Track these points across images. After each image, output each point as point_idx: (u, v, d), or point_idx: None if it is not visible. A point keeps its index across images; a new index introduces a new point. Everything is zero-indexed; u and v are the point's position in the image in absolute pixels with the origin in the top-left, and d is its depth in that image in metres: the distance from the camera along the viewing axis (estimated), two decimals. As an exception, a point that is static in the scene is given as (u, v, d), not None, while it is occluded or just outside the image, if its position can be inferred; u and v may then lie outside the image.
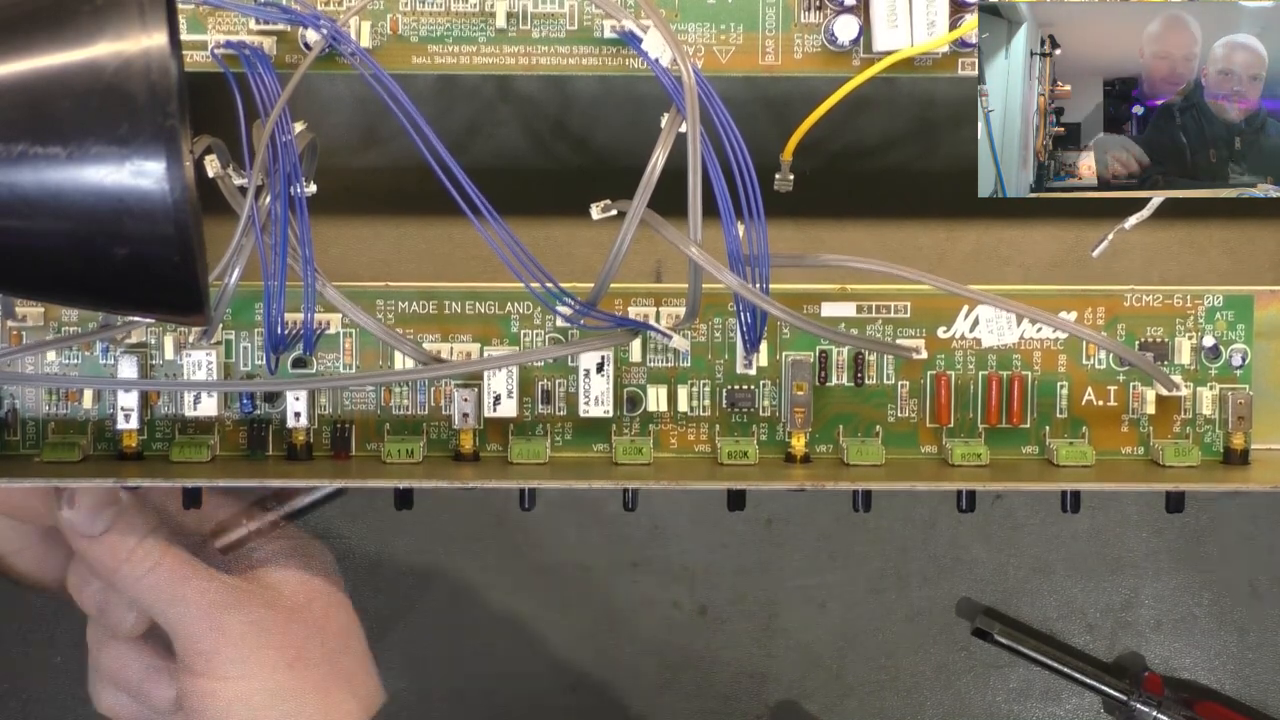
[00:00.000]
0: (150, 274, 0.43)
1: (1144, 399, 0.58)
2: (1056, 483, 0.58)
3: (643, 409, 0.57)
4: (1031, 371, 0.57)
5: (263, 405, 0.58)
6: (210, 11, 0.56)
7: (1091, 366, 0.57)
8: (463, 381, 0.57)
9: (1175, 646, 0.69)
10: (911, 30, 0.55)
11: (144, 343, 0.57)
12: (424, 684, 0.69)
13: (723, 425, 0.57)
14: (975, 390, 0.56)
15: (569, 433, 0.58)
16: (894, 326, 0.56)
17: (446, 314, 0.58)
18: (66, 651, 0.68)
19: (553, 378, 0.57)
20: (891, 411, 0.57)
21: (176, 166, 0.41)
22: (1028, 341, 0.57)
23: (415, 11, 0.57)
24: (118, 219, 0.42)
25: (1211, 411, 0.58)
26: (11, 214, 0.41)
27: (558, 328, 0.56)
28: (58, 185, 0.41)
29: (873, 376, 0.56)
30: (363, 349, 0.58)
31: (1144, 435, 0.58)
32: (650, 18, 0.52)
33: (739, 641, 0.69)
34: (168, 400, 0.58)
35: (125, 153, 0.41)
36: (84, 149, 0.41)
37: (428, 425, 0.58)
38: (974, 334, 0.56)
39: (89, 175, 0.41)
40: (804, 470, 0.57)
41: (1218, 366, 0.58)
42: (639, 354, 0.57)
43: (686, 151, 0.49)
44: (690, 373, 0.57)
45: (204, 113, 0.61)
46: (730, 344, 0.57)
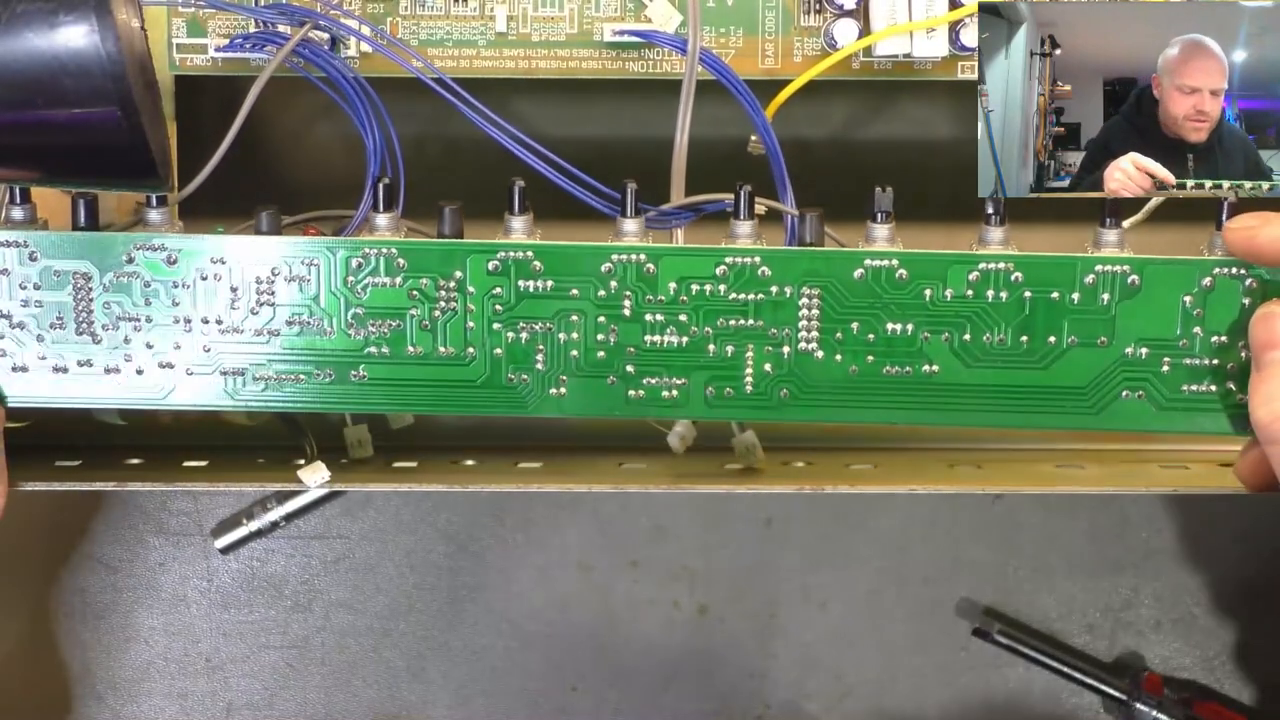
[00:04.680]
0: (96, 135, 0.42)
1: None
2: (1056, 484, 0.59)
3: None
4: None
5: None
6: (211, 15, 0.56)
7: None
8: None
9: (1175, 646, 0.69)
10: (911, 34, 0.55)
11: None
12: (424, 684, 0.69)
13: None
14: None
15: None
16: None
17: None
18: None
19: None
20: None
21: (106, 18, 0.41)
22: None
23: (415, 15, 0.57)
24: (55, 80, 0.41)
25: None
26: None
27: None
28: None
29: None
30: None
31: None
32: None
33: (739, 641, 0.69)
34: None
35: (52, 7, 0.41)
36: (10, 9, 0.41)
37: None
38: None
39: (20, 37, 0.41)
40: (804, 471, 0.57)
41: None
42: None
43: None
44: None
45: (204, 112, 0.61)
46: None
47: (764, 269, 0.51)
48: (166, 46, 0.57)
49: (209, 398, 0.52)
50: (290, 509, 0.68)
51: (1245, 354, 0.51)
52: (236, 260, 0.51)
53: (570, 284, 0.52)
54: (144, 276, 0.51)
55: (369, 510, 0.69)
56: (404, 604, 0.69)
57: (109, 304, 0.52)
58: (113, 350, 0.52)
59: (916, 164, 0.65)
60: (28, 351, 0.52)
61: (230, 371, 0.52)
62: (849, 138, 0.65)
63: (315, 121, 0.64)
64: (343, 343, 0.52)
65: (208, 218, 0.55)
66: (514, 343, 0.52)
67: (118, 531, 0.69)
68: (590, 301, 0.52)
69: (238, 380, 0.52)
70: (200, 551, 0.69)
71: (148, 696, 0.69)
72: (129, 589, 0.69)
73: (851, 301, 0.52)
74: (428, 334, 0.52)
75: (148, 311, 0.52)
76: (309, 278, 0.52)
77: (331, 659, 0.69)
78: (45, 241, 0.51)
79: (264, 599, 0.69)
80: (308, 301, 0.52)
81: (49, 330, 0.52)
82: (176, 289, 0.52)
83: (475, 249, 0.51)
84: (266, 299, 0.52)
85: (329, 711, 0.70)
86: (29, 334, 0.52)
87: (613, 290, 0.52)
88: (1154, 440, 0.64)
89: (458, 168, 0.64)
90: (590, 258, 0.51)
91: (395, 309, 0.52)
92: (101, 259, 0.51)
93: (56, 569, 0.69)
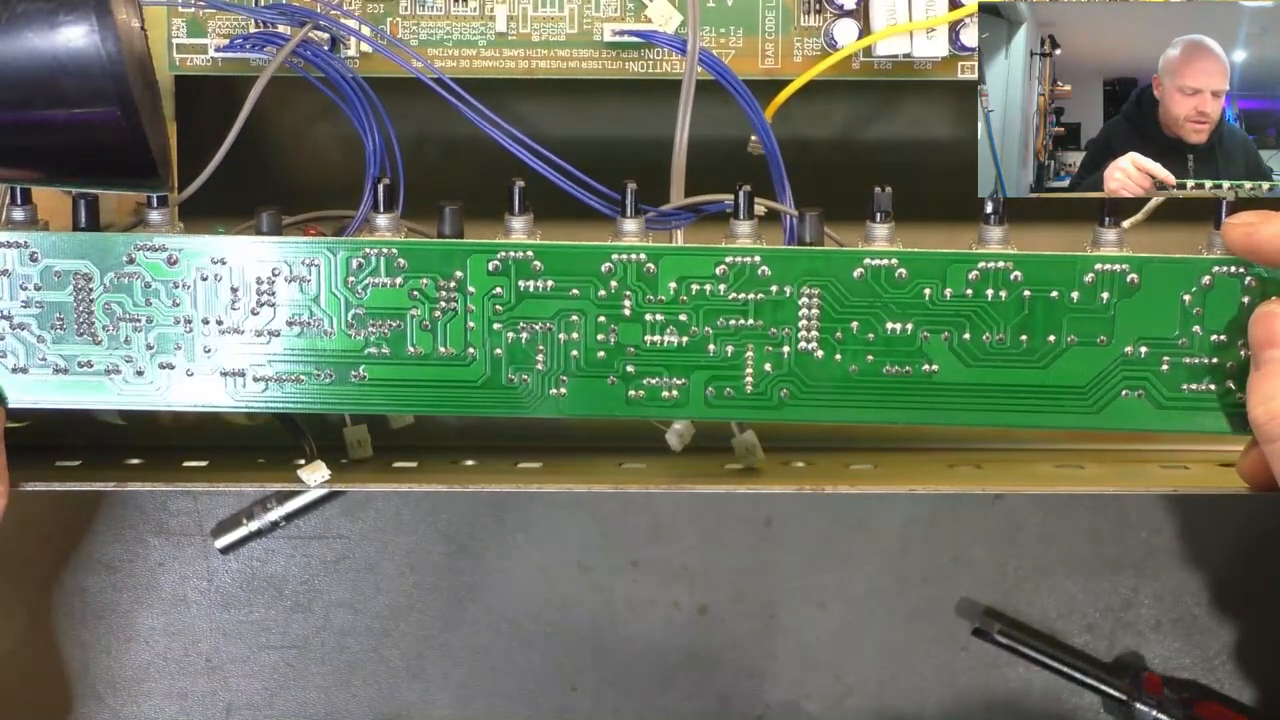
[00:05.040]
0: (96, 135, 0.42)
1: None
2: (1056, 484, 0.58)
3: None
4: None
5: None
6: (211, 15, 0.56)
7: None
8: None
9: (1175, 646, 0.69)
10: (911, 34, 0.55)
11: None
12: (424, 684, 0.69)
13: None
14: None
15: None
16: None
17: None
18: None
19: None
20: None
21: (106, 18, 0.41)
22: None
23: (415, 15, 0.57)
24: (55, 80, 0.41)
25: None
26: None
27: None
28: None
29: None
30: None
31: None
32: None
33: (739, 641, 0.69)
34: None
35: (52, 7, 0.41)
36: (10, 9, 0.41)
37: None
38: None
39: (20, 37, 0.41)
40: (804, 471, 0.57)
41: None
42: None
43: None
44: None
45: (204, 112, 0.61)
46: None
47: (764, 269, 0.51)
48: (166, 46, 0.57)
49: (209, 398, 0.52)
50: (290, 509, 0.68)
51: (1245, 353, 0.51)
52: (237, 261, 0.51)
53: (570, 284, 0.52)
54: (144, 277, 0.51)
55: (369, 510, 0.69)
56: (404, 604, 0.69)
57: (109, 305, 0.52)
58: (113, 351, 0.52)
59: (916, 164, 0.65)
60: (28, 352, 0.52)
61: (231, 372, 0.52)
62: (849, 138, 0.65)
63: (315, 121, 0.64)
64: (343, 343, 0.52)
65: (208, 218, 0.55)
66: (514, 343, 0.52)
67: (118, 531, 0.69)
68: (590, 301, 0.52)
69: (238, 381, 0.52)
70: (200, 551, 0.69)
71: (148, 696, 0.69)
72: (129, 589, 0.69)
73: (851, 301, 0.52)
74: (428, 334, 0.52)
75: (148, 312, 0.52)
76: (309, 278, 0.52)
77: (331, 659, 0.69)
78: (46, 242, 0.51)
79: (264, 599, 0.69)
80: (308, 302, 0.52)
81: (49, 331, 0.52)
82: (177, 289, 0.52)
83: (476, 249, 0.51)
84: (267, 299, 0.52)
85: (329, 711, 0.70)
86: (29, 335, 0.52)
87: (613, 290, 0.52)
88: (1154, 440, 0.64)
89: (457, 168, 0.64)
90: (590, 258, 0.51)
91: (395, 309, 0.52)
92: (102, 259, 0.51)
93: (56, 569, 0.69)
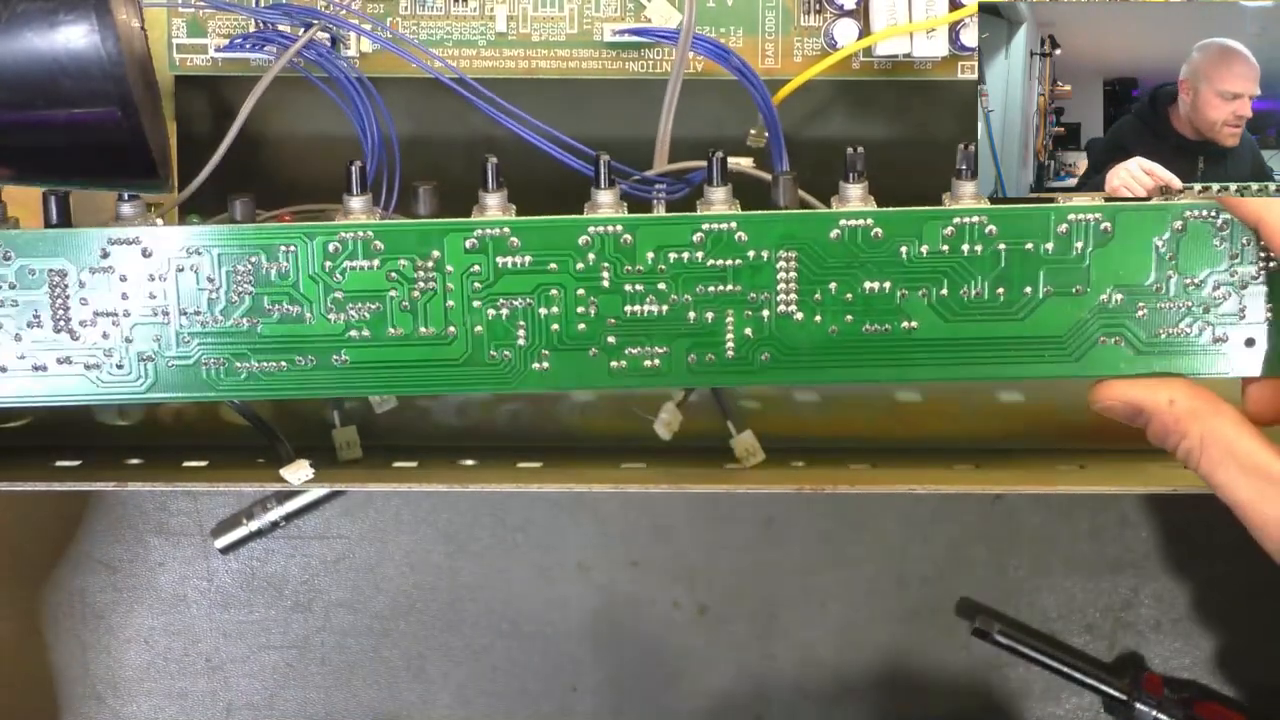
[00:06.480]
0: (96, 135, 0.42)
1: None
2: (1056, 485, 0.58)
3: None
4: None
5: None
6: (211, 15, 0.56)
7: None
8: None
9: (1175, 646, 0.69)
10: (911, 34, 0.55)
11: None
12: (424, 684, 0.69)
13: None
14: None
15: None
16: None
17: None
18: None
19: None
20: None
21: (106, 18, 0.41)
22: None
23: (415, 15, 0.57)
24: (55, 80, 0.41)
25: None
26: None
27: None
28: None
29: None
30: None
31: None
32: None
33: (739, 641, 0.69)
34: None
35: (52, 7, 0.41)
36: (10, 9, 0.41)
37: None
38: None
39: (20, 37, 0.41)
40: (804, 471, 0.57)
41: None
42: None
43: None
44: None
45: (204, 112, 0.61)
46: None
47: (740, 234, 0.51)
48: (166, 46, 0.57)
49: (191, 389, 0.52)
50: (290, 509, 0.68)
51: (1219, 291, 0.52)
52: (212, 250, 0.51)
53: (548, 258, 0.52)
54: (120, 270, 0.51)
55: (369, 510, 0.69)
56: (404, 604, 0.69)
57: (86, 299, 0.51)
58: (92, 346, 0.52)
59: (916, 164, 0.65)
60: (6, 351, 0.52)
61: (211, 362, 0.52)
62: (849, 138, 0.65)
63: (315, 121, 0.64)
64: (323, 328, 0.52)
65: (208, 218, 0.55)
66: (494, 319, 0.52)
67: (118, 531, 0.69)
68: (569, 275, 0.52)
69: (219, 370, 0.52)
70: (200, 551, 0.69)
71: (148, 696, 0.69)
72: (129, 589, 0.69)
73: (829, 262, 0.52)
74: (408, 315, 0.52)
75: (125, 305, 0.51)
76: (286, 264, 0.51)
77: (331, 659, 0.69)
78: (20, 240, 0.51)
79: (264, 599, 0.69)
80: (286, 288, 0.52)
81: (26, 329, 0.52)
82: (153, 281, 0.51)
83: (452, 228, 0.51)
84: (244, 287, 0.52)
85: (329, 711, 0.70)
86: (6, 334, 0.51)
87: (591, 262, 0.52)
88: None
89: (458, 168, 0.64)
90: (567, 231, 0.51)
91: (374, 291, 0.52)
92: (77, 255, 0.51)
93: (56, 569, 0.69)
